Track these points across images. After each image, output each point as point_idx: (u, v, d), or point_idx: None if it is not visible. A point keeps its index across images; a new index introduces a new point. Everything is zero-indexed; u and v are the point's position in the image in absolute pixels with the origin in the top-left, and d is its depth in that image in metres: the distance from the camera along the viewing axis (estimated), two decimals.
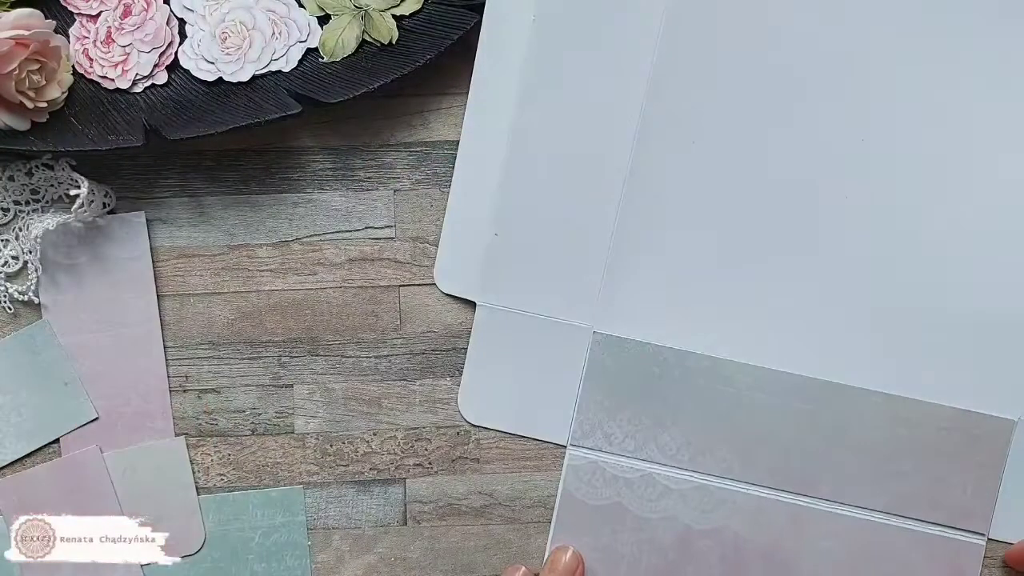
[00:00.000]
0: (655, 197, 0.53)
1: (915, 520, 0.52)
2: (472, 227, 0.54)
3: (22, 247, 0.54)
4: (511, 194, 0.53)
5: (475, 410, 0.54)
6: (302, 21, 0.53)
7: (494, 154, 0.53)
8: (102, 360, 0.53)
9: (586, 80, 0.53)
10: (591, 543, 0.53)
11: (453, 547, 0.54)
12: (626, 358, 0.53)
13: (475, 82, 0.53)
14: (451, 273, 0.54)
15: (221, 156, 0.54)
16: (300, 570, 0.53)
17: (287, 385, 0.54)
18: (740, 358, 0.52)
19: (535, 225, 0.53)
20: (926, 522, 0.52)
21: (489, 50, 0.53)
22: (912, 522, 0.52)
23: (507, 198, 0.53)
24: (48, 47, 0.50)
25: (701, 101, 0.52)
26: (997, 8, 0.51)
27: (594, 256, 0.53)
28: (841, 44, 0.52)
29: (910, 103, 0.52)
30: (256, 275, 0.54)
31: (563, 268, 0.53)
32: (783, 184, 0.52)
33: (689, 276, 0.53)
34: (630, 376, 0.53)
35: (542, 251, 0.53)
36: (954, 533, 0.52)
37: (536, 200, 0.53)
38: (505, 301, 0.53)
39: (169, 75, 0.53)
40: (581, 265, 0.53)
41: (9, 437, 0.53)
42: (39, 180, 0.54)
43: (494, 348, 0.54)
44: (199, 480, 0.54)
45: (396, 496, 0.54)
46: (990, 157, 0.52)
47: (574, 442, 0.53)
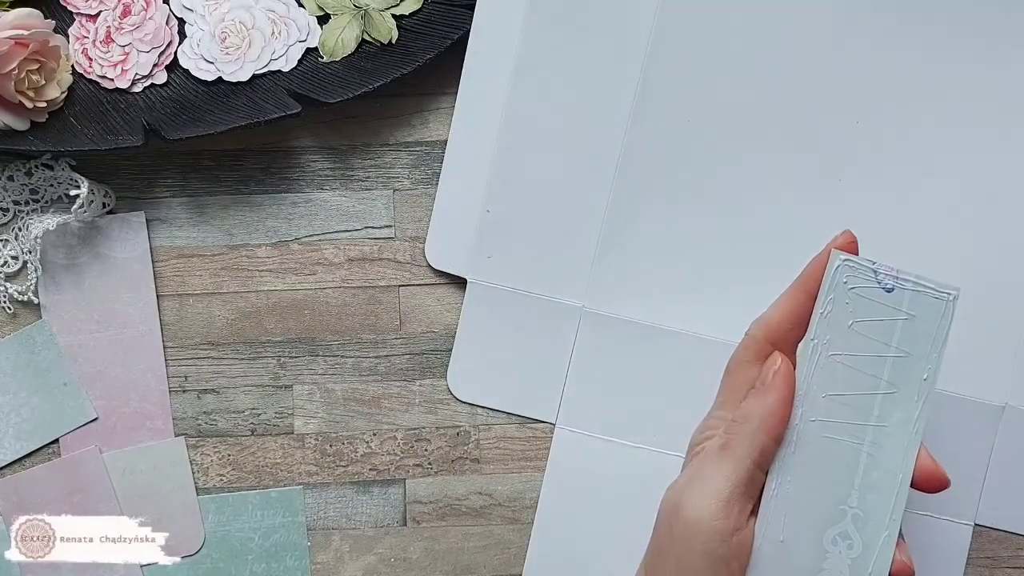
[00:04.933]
0: (649, 176, 0.53)
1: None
2: (464, 204, 0.53)
3: (22, 247, 0.53)
4: (504, 171, 0.53)
5: (464, 387, 0.54)
6: (302, 21, 0.53)
7: (487, 131, 0.53)
8: (102, 360, 0.53)
9: (581, 57, 0.53)
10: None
11: (453, 547, 0.54)
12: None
13: (469, 57, 0.53)
14: (442, 250, 0.54)
15: (221, 156, 0.54)
16: (300, 571, 0.53)
17: (287, 385, 0.54)
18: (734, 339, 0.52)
19: (527, 203, 0.53)
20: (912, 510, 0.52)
21: (484, 25, 0.53)
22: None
23: (500, 175, 0.53)
24: (47, 47, 0.50)
25: (696, 80, 0.52)
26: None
27: (587, 235, 0.53)
28: (837, 26, 0.52)
29: (905, 86, 0.52)
30: (256, 275, 0.54)
31: (555, 246, 0.53)
32: (777, 164, 0.52)
33: (681, 256, 0.53)
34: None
35: (534, 229, 0.53)
36: (941, 519, 0.52)
37: (529, 178, 0.53)
38: (496, 279, 0.53)
39: (168, 75, 0.53)
40: (573, 243, 0.53)
41: (9, 437, 0.53)
42: (39, 180, 0.53)
43: (484, 326, 0.53)
44: (199, 480, 0.54)
45: (396, 496, 0.54)
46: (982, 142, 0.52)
47: (563, 421, 0.53)
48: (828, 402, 0.41)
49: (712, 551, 0.40)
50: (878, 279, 0.41)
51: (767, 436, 0.41)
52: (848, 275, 0.41)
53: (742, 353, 0.44)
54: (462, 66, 0.53)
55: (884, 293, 0.42)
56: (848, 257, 0.41)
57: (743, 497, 0.41)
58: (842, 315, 0.41)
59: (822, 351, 0.41)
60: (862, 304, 0.41)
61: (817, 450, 0.41)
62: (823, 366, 0.41)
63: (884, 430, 0.41)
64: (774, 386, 0.41)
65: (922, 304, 0.41)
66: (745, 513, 0.41)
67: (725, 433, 0.42)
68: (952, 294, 0.42)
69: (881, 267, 0.41)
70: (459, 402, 0.54)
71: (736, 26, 0.52)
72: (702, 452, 0.42)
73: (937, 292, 0.42)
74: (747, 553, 0.41)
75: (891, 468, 0.41)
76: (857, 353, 0.41)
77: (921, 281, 0.41)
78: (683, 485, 0.42)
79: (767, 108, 0.52)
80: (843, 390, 0.41)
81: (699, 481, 0.41)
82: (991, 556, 0.53)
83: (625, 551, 0.47)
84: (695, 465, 0.42)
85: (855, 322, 0.41)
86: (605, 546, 0.53)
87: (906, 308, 0.41)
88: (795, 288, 0.43)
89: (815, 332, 0.41)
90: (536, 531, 0.53)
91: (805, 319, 0.42)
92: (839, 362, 0.41)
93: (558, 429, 0.53)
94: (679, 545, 0.41)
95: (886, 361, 0.41)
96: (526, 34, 0.53)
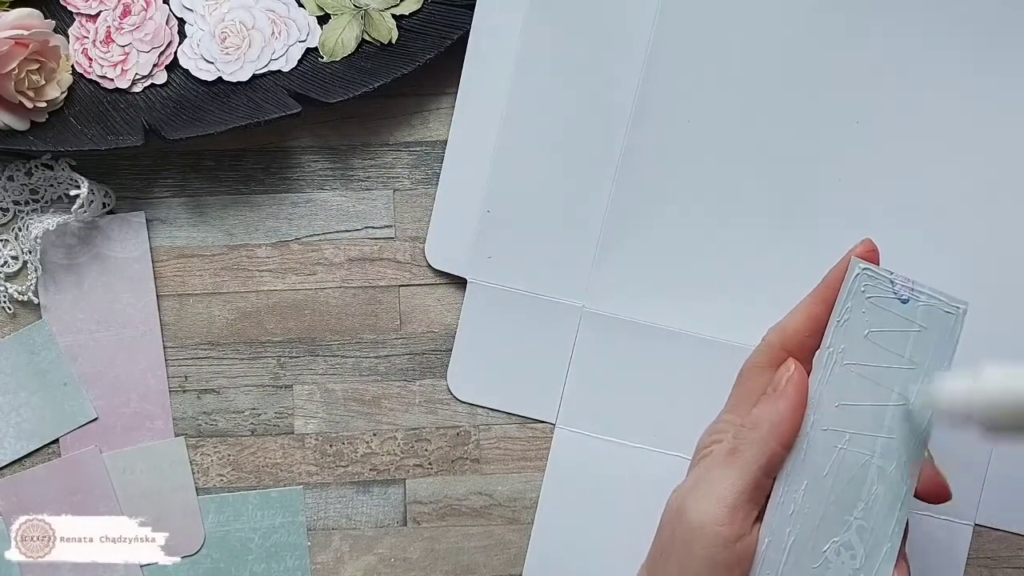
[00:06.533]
0: (649, 176, 0.53)
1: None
2: (464, 204, 0.53)
3: (22, 247, 0.53)
4: (504, 171, 0.53)
5: (464, 387, 0.54)
6: (302, 21, 0.53)
7: (487, 131, 0.53)
8: (102, 360, 0.53)
9: (581, 58, 0.53)
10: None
11: (453, 547, 0.54)
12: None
13: (469, 57, 0.53)
14: (442, 250, 0.54)
15: (221, 156, 0.54)
16: (300, 571, 0.53)
17: (287, 385, 0.54)
18: (734, 339, 0.52)
19: (528, 203, 0.53)
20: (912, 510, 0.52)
21: (484, 25, 0.53)
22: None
23: (500, 175, 0.53)
24: (47, 47, 0.50)
25: (696, 80, 0.52)
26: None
27: (587, 235, 0.53)
28: (837, 26, 0.52)
29: (905, 86, 0.52)
30: (256, 275, 0.54)
31: (555, 246, 0.53)
32: (777, 164, 0.52)
33: (682, 256, 0.53)
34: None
35: (534, 229, 0.53)
36: (941, 519, 0.52)
37: (529, 178, 0.53)
38: (496, 279, 0.53)
39: (168, 75, 0.53)
40: (573, 244, 0.53)
41: (9, 437, 0.53)
42: (39, 180, 0.53)
43: (484, 326, 0.53)
44: (199, 480, 0.54)
45: (396, 496, 0.54)
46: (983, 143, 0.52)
47: (563, 421, 0.53)
48: (840, 411, 0.41)
49: (714, 556, 0.40)
50: (895, 290, 0.41)
51: (776, 443, 0.40)
52: (866, 284, 0.41)
53: (757, 358, 0.43)
54: (462, 66, 0.53)
55: (899, 304, 0.41)
56: (867, 266, 0.41)
57: (749, 503, 0.40)
58: (858, 324, 0.41)
59: (837, 359, 0.41)
60: (878, 314, 0.41)
61: (826, 459, 0.41)
62: (837, 374, 0.41)
63: (892, 442, 0.41)
64: (786, 393, 0.41)
65: (933, 317, 0.41)
66: (750, 520, 0.40)
67: (734, 438, 0.41)
68: (961, 308, 0.41)
69: (898, 278, 0.41)
70: (459, 402, 0.54)
71: (736, 26, 0.52)
72: (709, 456, 0.42)
73: (948, 305, 0.41)
74: (749, 560, 0.40)
75: (896, 481, 0.41)
76: (871, 363, 0.41)
77: (935, 294, 0.41)
78: (688, 488, 0.41)
79: (767, 108, 0.52)
80: (855, 400, 0.41)
81: (705, 485, 0.41)
82: (991, 556, 0.53)
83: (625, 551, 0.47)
84: (702, 468, 0.42)
85: (870, 332, 0.41)
86: (605, 546, 0.53)
87: (919, 320, 0.41)
88: (814, 296, 0.43)
89: (831, 340, 0.41)
90: (536, 531, 0.53)
91: (822, 328, 0.42)
92: (853, 371, 0.41)
93: (558, 429, 0.53)
94: (681, 549, 0.40)
95: (898, 372, 0.41)
96: (526, 34, 0.53)
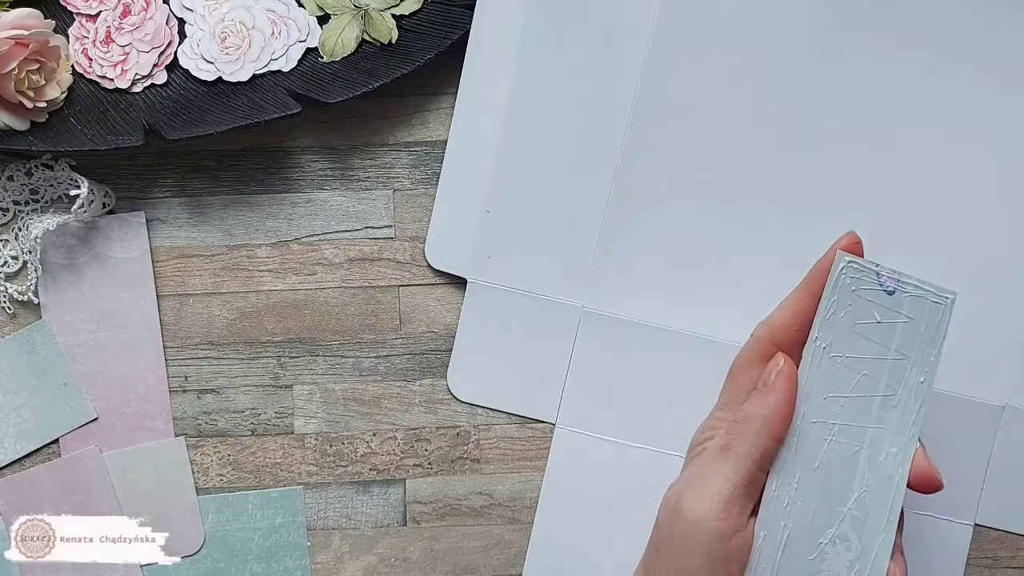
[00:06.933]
0: (649, 176, 0.53)
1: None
2: (464, 204, 0.53)
3: (22, 247, 0.53)
4: (504, 171, 0.53)
5: (464, 387, 0.54)
6: (302, 21, 0.53)
7: (487, 131, 0.53)
8: (101, 360, 0.53)
9: (581, 58, 0.53)
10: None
11: (453, 547, 0.54)
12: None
13: (469, 57, 0.53)
14: (442, 250, 0.54)
15: (221, 156, 0.54)
16: (300, 571, 0.53)
17: (286, 385, 0.54)
18: (734, 339, 0.52)
19: (528, 203, 0.53)
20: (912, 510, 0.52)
21: (484, 25, 0.53)
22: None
23: (500, 175, 0.53)
24: (47, 47, 0.50)
25: (696, 80, 0.52)
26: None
27: (587, 235, 0.53)
28: (838, 26, 0.52)
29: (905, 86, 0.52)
30: (255, 275, 0.54)
31: (555, 246, 0.53)
32: (777, 164, 0.52)
33: (682, 256, 0.53)
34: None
35: (534, 229, 0.53)
36: (941, 519, 0.52)
37: (529, 178, 0.53)
38: (496, 279, 0.53)
39: (168, 75, 0.53)
40: (573, 243, 0.53)
41: (9, 437, 0.53)
42: (39, 180, 0.53)
43: (484, 326, 0.53)
44: (199, 480, 0.54)
45: (396, 496, 0.54)
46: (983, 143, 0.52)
47: (563, 421, 0.53)
48: (828, 404, 0.41)
49: (711, 551, 0.40)
50: (880, 281, 0.41)
51: (768, 437, 0.41)
52: (852, 277, 0.41)
53: (746, 354, 0.44)
54: (462, 66, 0.53)
55: (885, 295, 0.42)
56: (852, 259, 0.41)
57: (743, 498, 0.41)
58: (844, 316, 0.41)
59: (824, 352, 0.41)
60: (864, 306, 0.41)
61: (818, 452, 0.41)
62: (824, 367, 0.41)
63: (882, 432, 0.41)
64: (776, 387, 0.41)
65: (921, 307, 0.41)
66: (745, 514, 0.41)
67: (726, 434, 0.41)
68: (950, 298, 0.42)
69: (883, 269, 0.41)
70: (459, 402, 0.54)
71: (736, 26, 0.52)
72: (703, 452, 0.42)
73: (936, 296, 0.42)
74: (746, 554, 0.41)
75: (888, 471, 0.41)
76: (858, 355, 0.41)
77: (922, 285, 0.41)
78: (683, 485, 0.42)
79: (767, 108, 0.52)
80: (843, 392, 0.41)
81: (699, 481, 0.41)
82: (991, 556, 0.53)
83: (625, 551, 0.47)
84: (696, 465, 0.42)
85: (857, 324, 0.41)
86: (605, 546, 0.53)
87: (906, 311, 0.41)
88: (800, 290, 0.43)
89: (817, 333, 0.41)
90: (536, 531, 0.53)
91: (809, 321, 0.42)
92: (840, 364, 0.41)
93: (558, 429, 0.53)
94: (678, 545, 0.41)
95: (885, 363, 0.41)
96: (526, 34, 0.53)
